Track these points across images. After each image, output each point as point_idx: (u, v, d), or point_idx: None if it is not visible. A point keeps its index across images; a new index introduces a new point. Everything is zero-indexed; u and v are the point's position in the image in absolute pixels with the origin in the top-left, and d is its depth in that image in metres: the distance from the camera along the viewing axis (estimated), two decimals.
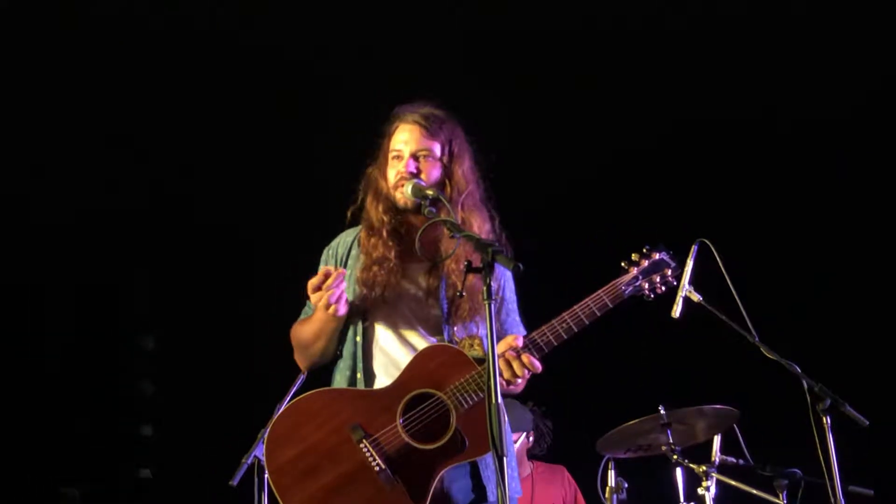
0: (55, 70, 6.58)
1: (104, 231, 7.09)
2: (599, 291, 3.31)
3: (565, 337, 3.26)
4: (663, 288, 3.41)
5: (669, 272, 3.40)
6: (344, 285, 3.35)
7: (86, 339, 7.46)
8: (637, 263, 3.37)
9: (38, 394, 7.15)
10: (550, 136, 6.89)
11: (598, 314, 3.28)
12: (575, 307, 3.28)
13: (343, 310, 3.38)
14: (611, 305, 3.29)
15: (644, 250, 3.40)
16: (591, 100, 6.74)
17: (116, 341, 7.51)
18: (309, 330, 3.50)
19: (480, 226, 3.52)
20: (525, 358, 3.21)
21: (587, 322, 3.27)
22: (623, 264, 3.38)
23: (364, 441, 3.21)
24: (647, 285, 3.37)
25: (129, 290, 7.58)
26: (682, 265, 3.44)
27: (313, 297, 3.33)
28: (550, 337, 3.25)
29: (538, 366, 3.25)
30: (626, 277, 3.34)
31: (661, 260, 3.40)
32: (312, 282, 3.33)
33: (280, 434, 3.28)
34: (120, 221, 7.05)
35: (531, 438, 5.90)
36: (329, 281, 3.30)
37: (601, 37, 6.58)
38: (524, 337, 3.28)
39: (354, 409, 3.27)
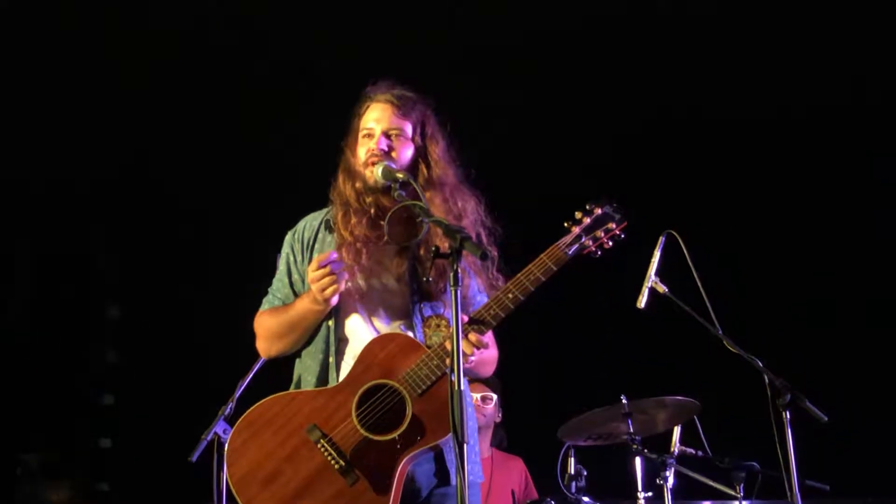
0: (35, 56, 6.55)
1: (72, 201, 7.06)
2: (542, 255, 3.23)
3: (512, 307, 3.20)
4: (610, 243, 3.28)
5: (614, 225, 3.27)
6: (346, 273, 3.31)
7: (50, 307, 7.41)
8: (579, 222, 3.27)
9: (0, 362, 7.10)
10: (526, 124, 6.89)
11: (544, 279, 3.20)
12: (519, 275, 3.21)
13: (335, 301, 3.33)
14: (555, 268, 3.20)
15: (587, 207, 3.30)
16: (563, 91, 6.76)
17: (81, 310, 7.46)
18: (285, 319, 3.44)
19: (464, 206, 3.48)
20: (472, 336, 3.17)
21: (532, 288, 3.20)
22: (566, 224, 3.28)
23: (322, 441, 3.18)
24: (591, 243, 3.26)
25: (93, 258, 7.53)
26: (627, 217, 3.31)
27: (315, 274, 3.26)
28: (497, 310, 3.20)
29: (485, 341, 3.22)
30: (568, 238, 3.24)
31: (605, 214, 3.28)
32: (317, 260, 3.27)
33: (239, 445, 3.25)
34: (88, 193, 7.01)
35: (500, 414, 5.92)
36: (329, 267, 3.25)
37: (581, 29, 6.57)
38: (471, 315, 3.22)
39: (310, 410, 3.23)
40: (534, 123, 6.89)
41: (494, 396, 5.80)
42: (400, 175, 3.32)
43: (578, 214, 3.29)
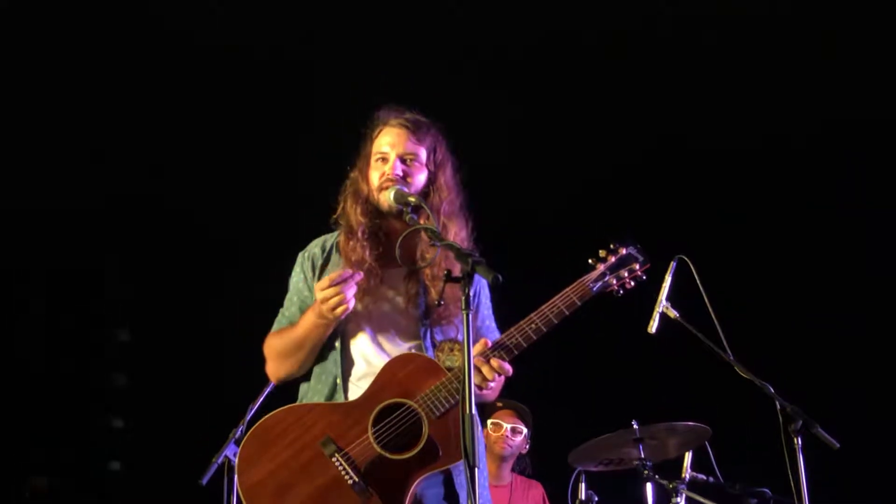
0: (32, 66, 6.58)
1: (81, 221, 7.07)
2: (567, 290, 3.28)
3: (535, 338, 3.23)
4: (632, 283, 3.36)
5: (637, 266, 3.36)
6: (355, 289, 3.26)
7: (60, 329, 7.42)
8: (604, 260, 3.34)
9: (10, 383, 7.10)
10: (533, 150, 6.90)
11: (567, 313, 3.25)
12: (543, 307, 3.25)
13: (345, 314, 3.28)
14: (579, 303, 3.26)
15: (611, 246, 3.37)
16: (574, 115, 6.76)
17: (90, 332, 7.47)
18: (291, 337, 3.41)
19: (457, 232, 3.49)
20: (494, 362, 3.18)
21: (556, 321, 3.24)
22: (590, 261, 3.35)
23: (336, 455, 3.17)
24: (615, 281, 3.33)
25: (104, 281, 7.54)
26: (649, 260, 3.38)
27: (325, 293, 3.22)
28: (519, 339, 3.22)
29: (508, 369, 3.23)
30: (594, 274, 3.31)
31: (629, 255, 3.36)
32: (330, 278, 3.22)
33: (251, 454, 3.23)
34: (98, 213, 7.02)
35: (528, 445, 5.88)
36: (341, 285, 3.20)
37: (588, 50, 6.59)
38: (493, 340, 3.25)
39: (325, 423, 3.22)
40: (541, 141, 6.90)
41: (525, 430, 5.76)
42: (412, 199, 3.32)
43: (603, 253, 3.37)
